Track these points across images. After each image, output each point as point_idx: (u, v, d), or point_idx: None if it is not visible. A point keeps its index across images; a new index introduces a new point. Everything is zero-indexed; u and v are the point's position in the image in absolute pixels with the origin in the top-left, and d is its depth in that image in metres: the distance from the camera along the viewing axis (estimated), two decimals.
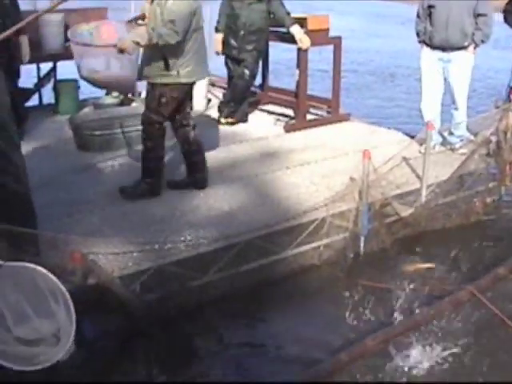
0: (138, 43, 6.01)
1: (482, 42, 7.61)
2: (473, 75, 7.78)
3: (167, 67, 6.11)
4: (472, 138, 7.73)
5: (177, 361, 4.91)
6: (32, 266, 4.13)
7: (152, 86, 6.27)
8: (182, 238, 5.62)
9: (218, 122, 9.02)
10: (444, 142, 8.02)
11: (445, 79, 7.80)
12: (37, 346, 4.19)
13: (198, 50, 6.26)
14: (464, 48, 7.59)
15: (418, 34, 7.94)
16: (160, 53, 6.07)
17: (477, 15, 7.50)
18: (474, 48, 7.62)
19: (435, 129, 7.58)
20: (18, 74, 8.37)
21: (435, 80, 7.84)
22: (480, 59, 7.97)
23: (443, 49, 7.67)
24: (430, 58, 7.82)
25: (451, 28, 7.51)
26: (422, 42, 7.88)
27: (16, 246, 4.56)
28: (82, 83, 9.37)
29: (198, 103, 9.70)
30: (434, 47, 7.74)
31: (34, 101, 9.79)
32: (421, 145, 7.23)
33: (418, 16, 7.90)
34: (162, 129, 6.38)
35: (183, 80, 6.20)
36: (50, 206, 6.06)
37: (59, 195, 6.30)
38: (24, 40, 8.12)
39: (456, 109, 7.83)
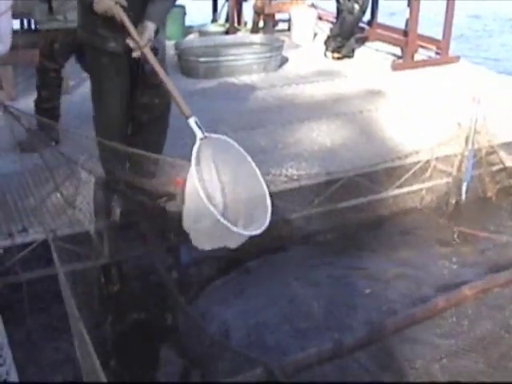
0: None
1: None
2: None
3: (51, 11, 5.71)
4: None
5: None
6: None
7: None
8: (284, 170, 5.60)
9: (324, 55, 8.91)
10: None
11: None
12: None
13: None
14: None
15: None
16: None
17: None
18: None
19: None
20: None
21: None
22: None
23: None
24: None
25: None
26: None
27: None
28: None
29: (305, 36, 9.62)
30: None
31: None
32: None
33: None
34: (58, 78, 5.98)
35: (71, 25, 5.42)
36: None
37: None
38: None
39: None
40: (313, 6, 10.64)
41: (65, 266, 3.59)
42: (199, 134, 4.03)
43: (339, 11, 8.88)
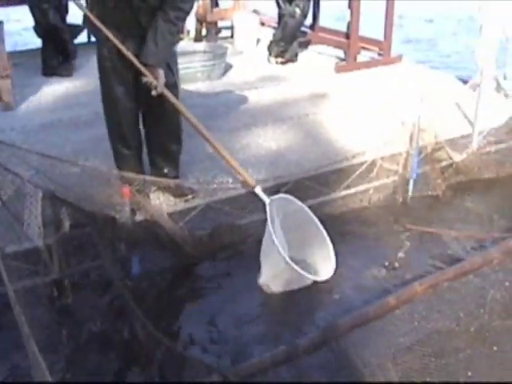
0: None
1: None
2: None
3: None
4: None
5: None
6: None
7: None
8: (231, 177, 5.61)
9: (268, 61, 8.95)
10: (498, 88, 7.86)
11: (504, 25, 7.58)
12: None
13: None
14: None
15: None
16: None
17: None
18: None
19: (489, 75, 7.43)
20: (66, 10, 8.34)
21: (496, 26, 7.58)
22: None
23: None
24: (492, 6, 7.54)
25: None
26: None
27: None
28: None
29: (248, 42, 9.65)
30: None
31: (82, 38, 9.74)
32: (474, 90, 7.09)
33: None
34: None
35: None
36: (100, 141, 6.07)
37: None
38: None
39: None
40: (255, 12, 10.70)
41: (14, 283, 3.55)
42: (267, 200, 4.89)
43: (281, 16, 8.93)
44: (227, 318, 4.63)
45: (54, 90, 7.70)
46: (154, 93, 4.89)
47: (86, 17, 5.09)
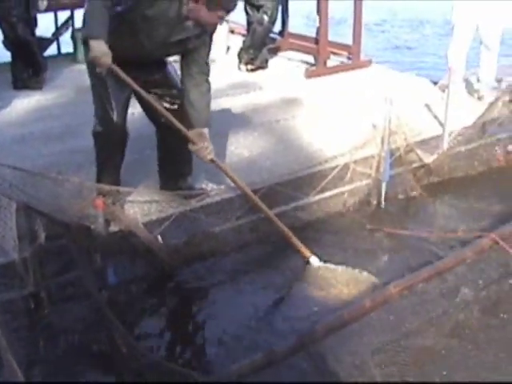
0: None
1: None
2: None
3: None
4: (496, 85, 7.66)
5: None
6: None
7: None
8: (203, 185, 5.64)
9: (238, 68, 8.98)
10: (470, 91, 7.93)
11: (477, 26, 7.66)
12: None
13: None
14: None
15: None
16: None
17: None
18: None
19: (460, 76, 7.52)
20: (35, 23, 8.33)
21: (469, 28, 7.65)
22: None
23: None
24: (466, 6, 7.59)
25: None
26: None
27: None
28: None
29: (217, 50, 9.65)
30: None
31: (52, 50, 9.73)
32: (443, 91, 7.16)
33: None
34: None
35: None
36: (70, 153, 6.08)
37: (81, 143, 6.25)
38: None
39: (488, 50, 7.70)
40: (224, 20, 10.70)
41: None
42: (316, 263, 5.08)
43: (249, 23, 8.96)
44: (204, 325, 4.65)
45: (25, 103, 7.68)
46: (206, 160, 4.97)
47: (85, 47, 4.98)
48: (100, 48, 4.40)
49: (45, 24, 9.22)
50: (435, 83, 8.22)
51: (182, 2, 4.56)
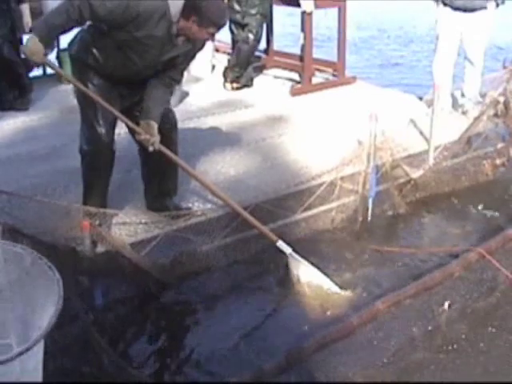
0: None
1: (502, 2, 7.52)
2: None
3: None
4: (480, 99, 7.70)
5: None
6: None
7: None
8: (190, 205, 5.64)
9: (224, 87, 9.00)
10: (455, 106, 7.98)
11: (461, 40, 7.72)
12: None
13: None
14: (485, 8, 7.50)
15: None
16: None
17: None
18: (497, 6, 7.54)
19: (445, 90, 7.55)
20: (20, 44, 8.33)
21: (452, 41, 7.71)
22: None
23: (464, 9, 7.54)
24: (449, 19, 7.65)
25: None
26: (440, 1, 7.69)
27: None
28: None
29: (203, 69, 9.69)
30: (454, 8, 7.58)
31: (37, 71, 9.73)
32: (429, 106, 7.19)
33: None
34: None
35: None
36: (56, 174, 6.08)
37: (67, 164, 6.25)
38: (25, 9, 8.07)
39: (472, 65, 7.75)
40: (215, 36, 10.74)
41: None
42: (288, 251, 5.15)
43: (234, 42, 9.00)
44: (192, 344, 4.63)
45: (11, 124, 7.67)
46: (150, 149, 4.91)
47: (74, 65, 5.09)
48: (35, 46, 4.51)
49: None
50: (420, 98, 8.26)
51: (171, 21, 4.58)
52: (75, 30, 4.92)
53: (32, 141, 7.13)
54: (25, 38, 8.22)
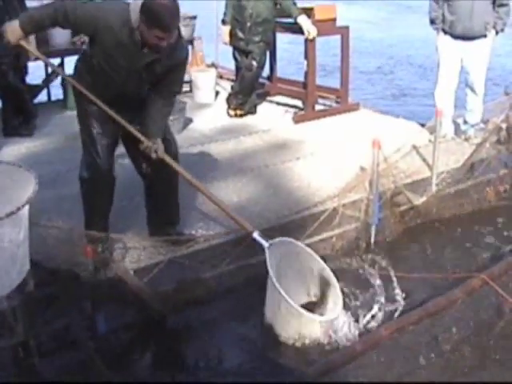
0: None
1: (502, 30, 7.56)
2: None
3: None
4: (482, 125, 7.72)
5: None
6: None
7: None
8: (193, 231, 5.65)
9: (227, 113, 9.03)
10: (458, 132, 8.01)
11: (462, 67, 7.76)
12: None
13: None
14: (484, 36, 7.55)
15: (432, 21, 7.76)
16: None
17: (499, 5, 7.42)
18: (496, 34, 7.58)
19: (447, 117, 7.58)
20: (25, 71, 8.41)
21: (453, 68, 7.76)
22: None
23: (463, 38, 7.58)
24: (449, 46, 7.69)
25: (475, 18, 7.41)
26: (440, 29, 7.73)
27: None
28: None
29: (207, 96, 9.74)
30: (454, 36, 7.63)
31: (42, 97, 9.80)
32: (431, 133, 7.21)
33: (434, 0, 7.72)
34: None
35: None
36: (62, 200, 6.09)
37: (71, 190, 6.25)
38: (30, 36, 8.12)
39: (474, 93, 7.79)
40: (213, 65, 10.84)
41: None
42: (265, 244, 4.91)
43: (238, 69, 9.05)
44: (195, 372, 4.61)
45: (15, 149, 7.70)
46: (153, 156, 4.93)
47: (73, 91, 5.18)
48: (14, 29, 4.84)
49: (35, 71, 9.28)
50: (423, 125, 8.28)
51: (132, 27, 4.59)
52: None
53: (36, 166, 7.00)
54: (29, 64, 8.33)
